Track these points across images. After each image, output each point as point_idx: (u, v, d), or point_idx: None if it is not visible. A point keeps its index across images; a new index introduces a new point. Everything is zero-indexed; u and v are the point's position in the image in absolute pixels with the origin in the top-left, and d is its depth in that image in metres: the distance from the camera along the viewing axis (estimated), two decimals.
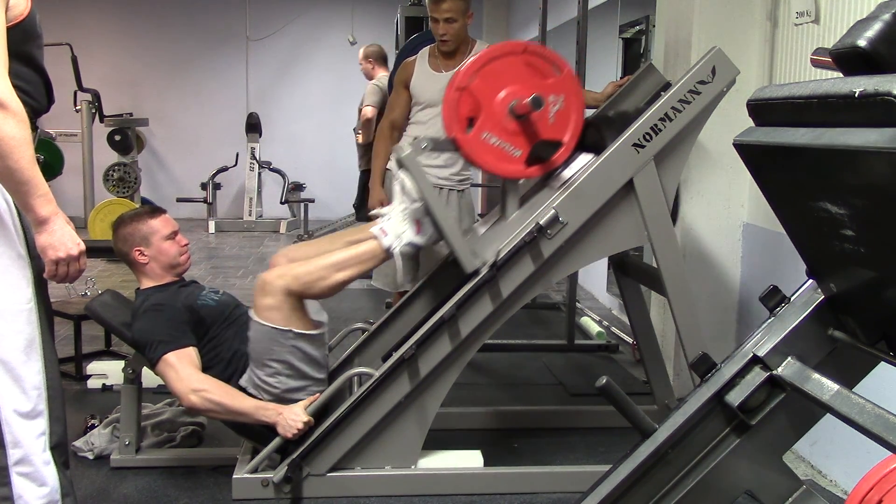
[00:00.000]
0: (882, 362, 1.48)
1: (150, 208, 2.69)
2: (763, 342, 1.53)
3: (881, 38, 1.24)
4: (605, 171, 2.40)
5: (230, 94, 9.20)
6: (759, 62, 3.16)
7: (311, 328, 2.43)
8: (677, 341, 2.64)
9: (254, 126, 8.67)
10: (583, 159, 2.56)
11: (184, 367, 2.35)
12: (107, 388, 3.35)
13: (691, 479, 1.54)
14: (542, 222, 2.35)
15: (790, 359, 1.50)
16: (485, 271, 2.36)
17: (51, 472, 1.72)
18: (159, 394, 3.00)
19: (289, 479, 2.37)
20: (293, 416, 2.34)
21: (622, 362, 3.98)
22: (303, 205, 8.27)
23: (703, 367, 1.58)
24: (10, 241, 1.66)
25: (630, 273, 2.94)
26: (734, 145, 1.50)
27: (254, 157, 8.61)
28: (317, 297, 2.47)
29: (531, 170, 2.52)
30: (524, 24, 7.25)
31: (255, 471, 2.41)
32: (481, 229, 2.74)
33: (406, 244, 2.46)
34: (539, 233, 2.36)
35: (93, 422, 2.83)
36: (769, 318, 1.57)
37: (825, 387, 1.39)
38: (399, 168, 2.46)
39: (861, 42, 1.25)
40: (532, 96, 2.34)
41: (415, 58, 3.40)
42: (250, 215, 8.68)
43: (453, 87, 2.42)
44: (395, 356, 2.41)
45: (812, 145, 1.27)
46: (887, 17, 1.24)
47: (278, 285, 2.36)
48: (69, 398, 2.79)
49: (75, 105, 7.15)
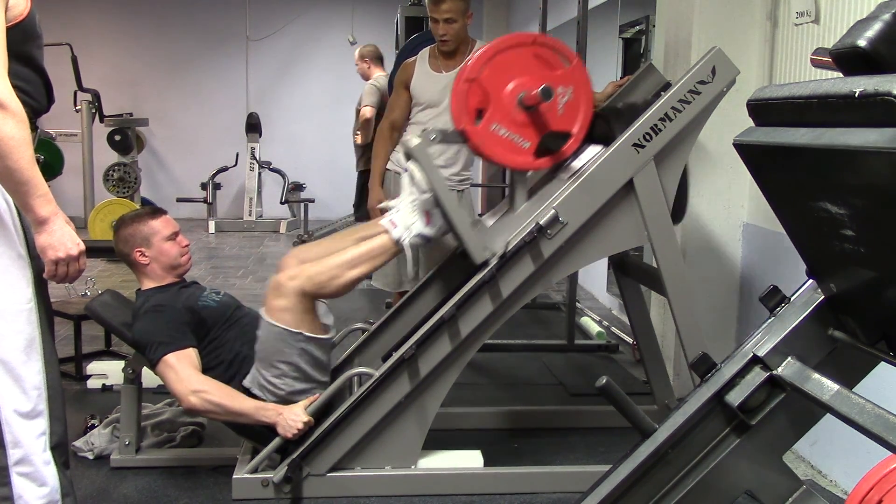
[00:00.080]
0: (882, 362, 1.48)
1: (150, 209, 2.69)
2: (763, 342, 1.53)
3: (881, 38, 1.24)
4: (605, 172, 2.40)
5: (230, 94, 9.20)
6: (759, 62, 3.16)
7: (321, 332, 2.43)
8: (677, 341, 2.64)
9: (254, 126, 8.67)
10: (591, 151, 2.56)
11: (184, 368, 2.35)
12: (107, 388, 3.35)
13: (691, 479, 1.54)
14: (542, 222, 2.35)
15: (790, 359, 1.50)
16: (494, 262, 2.36)
17: (51, 472, 1.72)
18: (159, 394, 3.00)
19: (289, 479, 2.37)
20: (293, 416, 2.34)
21: (622, 362, 3.98)
22: (303, 205, 8.27)
23: (703, 367, 1.58)
24: (10, 241, 1.66)
25: (630, 273, 2.94)
26: (734, 145, 1.50)
27: (254, 157, 8.61)
28: (331, 296, 2.46)
29: (540, 161, 2.51)
30: (524, 24, 7.25)
31: (255, 471, 2.41)
32: (489, 221, 2.73)
33: (416, 235, 2.46)
34: (539, 233, 2.36)
35: (93, 422, 2.83)
36: (769, 318, 1.57)
37: (825, 387, 1.39)
38: (408, 159, 2.45)
39: (861, 42, 1.25)
40: (542, 87, 2.34)
41: (415, 58, 3.40)
42: (250, 215, 8.68)
43: (462, 78, 2.42)
44: (395, 356, 2.41)
45: (812, 145, 1.27)
46: (887, 17, 1.24)
47: (292, 286, 2.36)
48: (69, 398, 2.78)
49: (75, 105, 7.15)
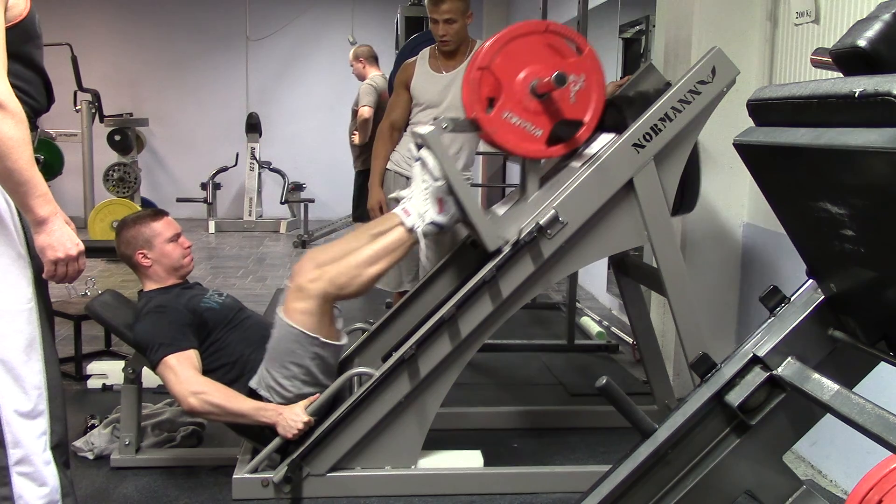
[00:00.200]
0: (882, 362, 1.48)
1: (152, 211, 2.70)
2: (763, 342, 1.53)
3: (881, 38, 1.24)
4: (605, 171, 2.40)
5: (230, 94, 9.19)
6: (759, 62, 3.16)
7: (335, 338, 2.44)
8: (677, 341, 2.64)
9: (254, 126, 8.67)
10: (603, 139, 2.55)
11: (184, 369, 2.35)
12: (107, 388, 3.35)
13: (691, 479, 1.55)
14: (542, 222, 2.35)
15: (790, 359, 1.50)
16: (507, 250, 2.36)
17: (51, 472, 1.72)
18: (159, 394, 3.00)
19: (289, 479, 2.37)
20: (293, 416, 2.34)
21: (622, 362, 3.98)
22: (303, 205, 8.26)
23: (703, 367, 1.58)
24: (10, 241, 1.66)
25: (630, 273, 2.94)
26: (734, 145, 1.50)
27: (254, 157, 8.61)
28: (352, 295, 2.46)
29: (552, 149, 2.50)
30: None
31: (255, 471, 2.41)
32: (501, 209, 2.73)
33: (429, 223, 2.45)
34: (539, 233, 2.36)
35: (93, 422, 2.83)
36: (769, 318, 1.57)
37: (825, 387, 1.39)
38: (419, 148, 2.45)
39: (861, 42, 1.25)
40: (556, 73, 2.32)
41: (415, 59, 3.40)
42: (250, 215, 8.68)
43: (474, 66, 2.41)
44: (395, 356, 2.41)
45: (812, 145, 1.27)
46: (887, 17, 1.24)
47: (315, 289, 2.36)
48: (69, 398, 2.77)
49: (75, 105, 7.14)
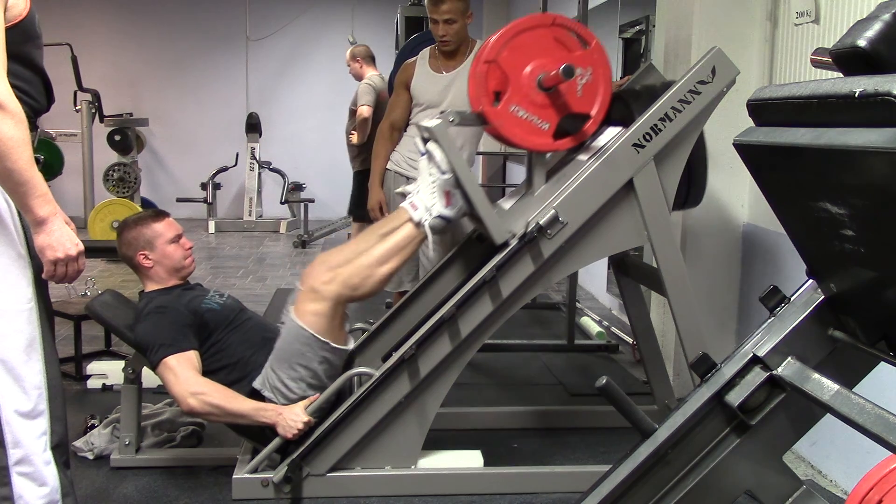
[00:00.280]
0: (882, 362, 1.48)
1: (154, 212, 2.69)
2: (763, 342, 1.53)
3: (881, 38, 1.24)
4: (605, 171, 2.40)
5: (230, 94, 9.19)
6: (759, 62, 3.16)
7: (344, 343, 2.45)
8: (677, 341, 2.64)
9: (254, 126, 8.67)
10: (610, 132, 2.55)
11: (183, 370, 2.35)
12: (107, 388, 3.35)
13: (691, 479, 1.55)
14: (542, 222, 2.35)
15: (790, 359, 1.50)
16: (514, 243, 2.37)
17: (51, 472, 1.72)
18: (159, 394, 3.00)
19: (289, 479, 2.37)
20: (293, 416, 2.33)
21: (622, 362, 3.98)
22: (303, 205, 8.26)
23: (703, 367, 1.58)
24: (10, 241, 1.66)
25: (630, 273, 2.94)
26: (734, 145, 1.50)
27: (254, 157, 8.61)
28: (366, 296, 2.47)
29: (559, 143, 2.50)
30: None
31: (255, 471, 2.41)
32: (508, 203, 2.73)
33: (436, 217, 2.45)
34: (539, 233, 2.36)
35: (93, 422, 2.83)
36: (769, 318, 1.57)
37: (825, 387, 1.39)
38: (425, 142, 2.45)
39: (861, 42, 1.25)
40: (563, 66, 2.31)
41: (415, 59, 3.40)
42: (250, 215, 8.68)
43: (481, 60, 2.41)
44: (395, 356, 2.41)
45: (812, 145, 1.27)
46: (887, 17, 1.24)
47: (329, 292, 2.37)
48: (69, 398, 2.77)
49: (75, 105, 7.14)
